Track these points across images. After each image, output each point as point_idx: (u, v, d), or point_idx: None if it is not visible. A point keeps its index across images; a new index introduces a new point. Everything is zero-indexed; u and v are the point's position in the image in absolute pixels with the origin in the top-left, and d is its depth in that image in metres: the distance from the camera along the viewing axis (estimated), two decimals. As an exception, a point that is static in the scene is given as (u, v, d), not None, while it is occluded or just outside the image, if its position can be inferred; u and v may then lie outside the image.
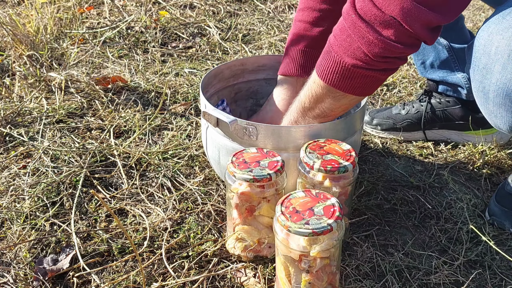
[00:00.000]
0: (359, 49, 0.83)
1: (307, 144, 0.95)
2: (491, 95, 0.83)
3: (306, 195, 0.84)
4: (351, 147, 0.95)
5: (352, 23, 0.82)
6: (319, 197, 0.83)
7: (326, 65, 0.89)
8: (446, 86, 1.34)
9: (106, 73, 1.69)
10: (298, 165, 0.94)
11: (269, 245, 0.95)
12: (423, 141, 1.37)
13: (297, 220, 0.77)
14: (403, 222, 1.09)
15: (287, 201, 0.82)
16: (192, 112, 1.47)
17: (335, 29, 0.87)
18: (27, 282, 0.91)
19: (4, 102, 1.48)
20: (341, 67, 0.86)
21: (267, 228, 0.95)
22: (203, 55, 1.86)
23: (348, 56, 0.85)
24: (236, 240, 0.96)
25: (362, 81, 0.87)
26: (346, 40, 0.84)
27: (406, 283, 0.93)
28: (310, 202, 0.82)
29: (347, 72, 0.86)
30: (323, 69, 0.89)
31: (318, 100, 0.94)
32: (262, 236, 0.94)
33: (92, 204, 1.11)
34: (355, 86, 0.88)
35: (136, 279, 0.91)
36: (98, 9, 2.19)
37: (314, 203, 0.82)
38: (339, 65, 0.86)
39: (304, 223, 0.77)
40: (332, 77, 0.88)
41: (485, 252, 1.01)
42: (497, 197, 1.09)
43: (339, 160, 0.91)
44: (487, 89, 0.84)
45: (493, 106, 0.84)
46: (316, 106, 0.95)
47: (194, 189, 1.15)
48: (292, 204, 0.81)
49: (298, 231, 0.76)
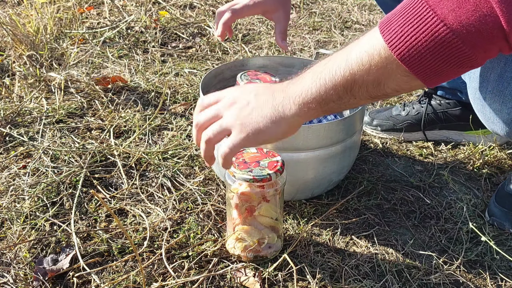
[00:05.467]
0: (487, 4, 0.56)
1: None
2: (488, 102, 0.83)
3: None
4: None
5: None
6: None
7: (405, 28, 0.61)
8: (445, 91, 1.35)
9: (106, 73, 1.69)
10: None
11: (269, 245, 0.95)
12: (423, 141, 1.37)
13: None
14: (403, 222, 1.09)
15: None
16: (192, 112, 1.47)
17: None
18: (27, 282, 0.91)
19: (4, 102, 1.48)
20: (434, 35, 0.59)
21: (267, 228, 0.95)
22: (203, 55, 1.86)
23: (455, 16, 0.58)
24: (236, 240, 0.96)
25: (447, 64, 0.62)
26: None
27: (406, 283, 0.93)
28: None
29: (443, 44, 0.60)
30: (397, 33, 0.62)
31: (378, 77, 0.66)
32: (262, 236, 0.94)
33: (92, 204, 1.11)
34: (437, 69, 0.63)
35: (136, 279, 0.91)
36: (98, 9, 2.19)
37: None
38: (433, 31, 0.59)
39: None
40: (411, 50, 0.61)
41: (485, 252, 1.01)
42: (497, 198, 1.09)
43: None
44: (483, 97, 0.84)
45: (490, 113, 0.85)
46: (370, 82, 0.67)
47: (194, 189, 1.15)
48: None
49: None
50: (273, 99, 0.74)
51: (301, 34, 2.05)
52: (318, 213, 1.10)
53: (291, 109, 0.72)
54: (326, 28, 2.10)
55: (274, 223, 0.96)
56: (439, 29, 0.59)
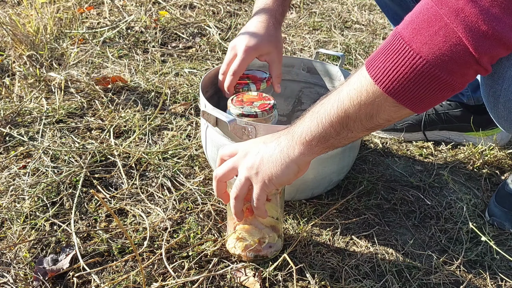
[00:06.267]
0: (453, 35, 0.62)
1: None
2: (502, 99, 0.83)
3: (257, 95, 1.08)
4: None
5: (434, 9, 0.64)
6: (264, 98, 1.06)
7: (387, 64, 0.68)
8: None
9: (106, 73, 1.69)
10: None
11: (270, 245, 0.95)
12: (423, 141, 1.37)
13: (236, 105, 1.03)
14: (403, 222, 1.09)
15: (241, 95, 1.07)
16: (192, 112, 1.47)
17: (406, 18, 0.68)
18: (27, 282, 0.91)
19: (4, 102, 1.48)
20: (413, 67, 0.66)
21: (268, 227, 0.95)
22: (203, 55, 1.86)
23: (429, 48, 0.64)
24: (236, 239, 0.96)
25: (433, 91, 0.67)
26: (429, 26, 0.64)
27: (406, 283, 0.93)
28: (255, 99, 1.06)
29: (422, 74, 0.66)
30: (381, 69, 0.68)
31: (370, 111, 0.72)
32: (263, 236, 0.94)
33: (92, 204, 1.11)
34: (423, 97, 0.68)
35: (136, 279, 0.91)
36: (98, 9, 2.19)
37: (257, 100, 1.05)
38: (411, 64, 0.66)
39: (240, 107, 1.01)
40: (394, 82, 0.67)
41: (485, 252, 1.01)
42: (497, 198, 1.09)
43: None
44: (497, 94, 0.83)
45: (503, 111, 0.84)
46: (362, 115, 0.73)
47: (194, 189, 1.15)
48: (243, 97, 1.06)
49: (234, 111, 1.01)
50: (279, 143, 0.82)
51: (301, 34, 2.05)
52: (318, 213, 1.10)
53: (295, 150, 0.80)
54: (326, 28, 2.10)
55: (274, 223, 0.96)
56: (416, 61, 0.65)
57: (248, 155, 0.85)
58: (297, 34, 2.04)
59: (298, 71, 1.32)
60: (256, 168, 0.82)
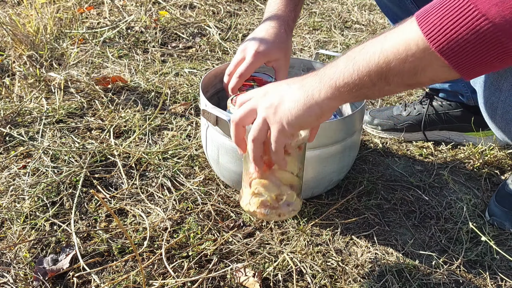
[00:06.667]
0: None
1: None
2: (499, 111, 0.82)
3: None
4: None
5: None
6: None
7: (444, 20, 0.60)
8: (446, 93, 1.35)
9: (106, 73, 1.69)
10: None
11: (288, 203, 0.87)
12: (423, 141, 1.37)
13: None
14: (403, 222, 1.09)
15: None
16: (192, 112, 1.47)
17: None
18: (27, 282, 0.91)
19: (4, 102, 1.48)
20: (476, 28, 0.58)
21: (286, 185, 0.86)
22: (203, 55, 1.86)
23: (498, 10, 0.56)
24: (252, 195, 0.86)
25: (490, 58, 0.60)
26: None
27: (406, 283, 0.93)
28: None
29: (485, 38, 0.58)
30: (436, 25, 0.61)
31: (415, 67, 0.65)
32: (280, 192, 0.85)
33: (92, 204, 1.11)
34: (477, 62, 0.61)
35: (136, 279, 0.91)
36: (98, 9, 2.19)
37: None
38: (474, 24, 0.58)
39: None
40: (451, 42, 0.60)
41: (485, 252, 1.01)
42: (497, 198, 1.09)
43: None
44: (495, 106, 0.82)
45: (501, 122, 0.84)
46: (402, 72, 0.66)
47: (194, 189, 1.15)
48: None
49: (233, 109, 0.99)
50: (303, 85, 0.74)
51: (301, 34, 2.05)
52: (318, 213, 1.10)
53: (322, 92, 0.72)
54: (326, 28, 2.10)
55: (293, 180, 0.87)
56: (480, 22, 0.57)
57: (267, 94, 0.77)
58: (297, 34, 2.04)
59: (298, 72, 1.32)
60: (274, 108, 0.75)
